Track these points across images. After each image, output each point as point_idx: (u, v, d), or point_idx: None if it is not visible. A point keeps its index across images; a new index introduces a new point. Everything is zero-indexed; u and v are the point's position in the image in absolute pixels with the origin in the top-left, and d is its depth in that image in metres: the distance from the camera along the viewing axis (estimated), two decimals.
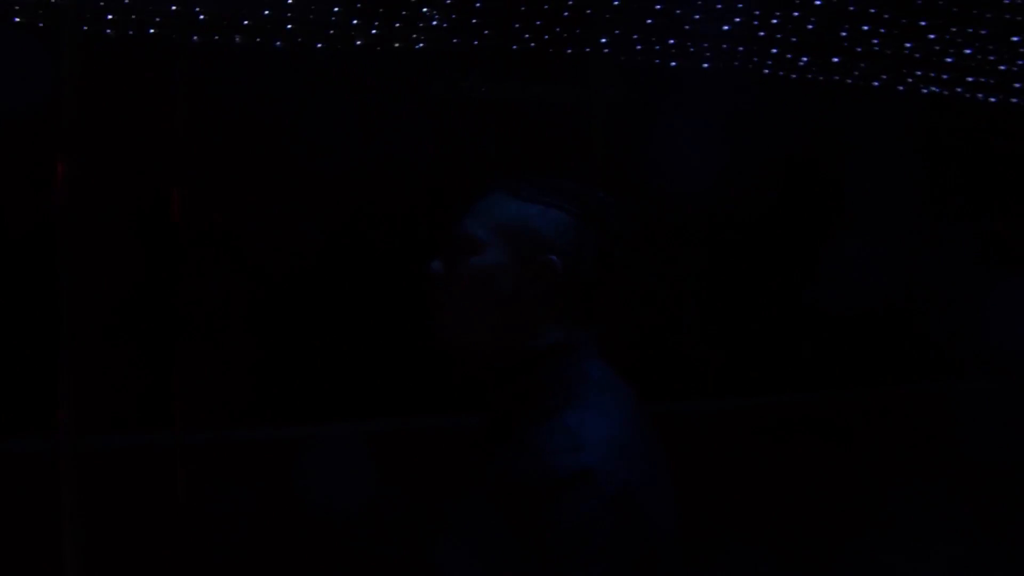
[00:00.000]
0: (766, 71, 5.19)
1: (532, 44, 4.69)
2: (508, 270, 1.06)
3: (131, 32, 4.44)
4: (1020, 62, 4.77)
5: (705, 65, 5.11)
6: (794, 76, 5.28)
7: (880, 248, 4.86)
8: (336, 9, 4.26)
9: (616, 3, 4.22)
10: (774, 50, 4.83)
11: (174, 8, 4.17)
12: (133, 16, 4.27)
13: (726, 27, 4.51)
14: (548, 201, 1.08)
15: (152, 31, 4.36)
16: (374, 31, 4.51)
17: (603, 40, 4.67)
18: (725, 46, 4.84)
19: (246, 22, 4.40)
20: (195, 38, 4.50)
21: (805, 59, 4.97)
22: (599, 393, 1.01)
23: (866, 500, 3.32)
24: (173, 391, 3.17)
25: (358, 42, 4.67)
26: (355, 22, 4.41)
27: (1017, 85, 5.29)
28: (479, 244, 1.07)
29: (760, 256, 5.07)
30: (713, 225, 4.96)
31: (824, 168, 5.22)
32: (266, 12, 4.30)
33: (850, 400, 4.12)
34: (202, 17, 4.30)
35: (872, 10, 4.18)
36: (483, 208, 1.10)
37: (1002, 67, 4.83)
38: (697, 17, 4.35)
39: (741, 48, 4.83)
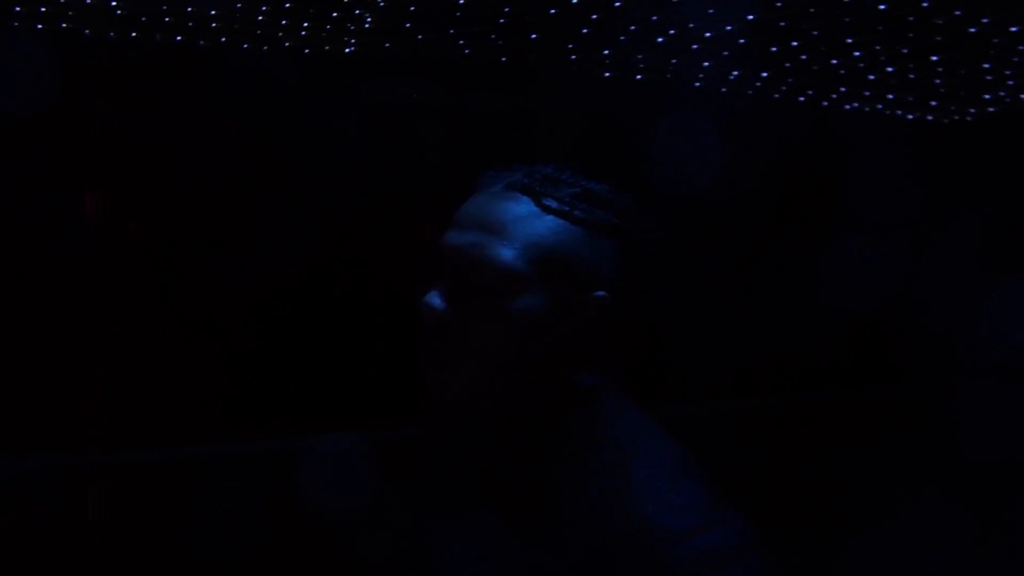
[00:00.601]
0: (697, 84, 5.25)
1: (467, 51, 4.62)
2: (551, 314, 0.79)
3: (40, 26, 4.18)
4: (937, 80, 4.96)
5: (639, 77, 5.14)
6: (724, 90, 5.36)
7: (879, 249, 4.90)
8: (264, 8, 4.10)
9: (552, 12, 4.19)
10: (706, 63, 4.89)
11: (89, 2, 3.95)
12: (43, 8, 4.02)
13: (660, 39, 4.54)
14: (589, 217, 0.81)
15: (65, 25, 4.12)
16: (304, 32, 4.37)
17: (539, 49, 4.64)
18: (659, 58, 4.88)
19: (168, 19, 4.20)
20: (111, 34, 4.28)
21: (736, 73, 5.05)
22: (664, 442, 0.84)
23: (865, 500, 3.31)
24: (90, 408, 2.97)
25: (287, 43, 4.52)
26: (284, 22, 4.27)
27: (934, 103, 5.51)
28: (518, 279, 0.78)
29: (759, 256, 5.07)
30: (709, 226, 4.92)
31: (819, 172, 5.26)
32: (189, 9, 4.11)
33: (850, 400, 4.09)
34: (119, 12, 4.08)
35: (803, 26, 4.28)
36: (503, 220, 0.79)
37: (936, 83, 5.01)
38: (633, 28, 4.36)
39: (675, 60, 4.87)
